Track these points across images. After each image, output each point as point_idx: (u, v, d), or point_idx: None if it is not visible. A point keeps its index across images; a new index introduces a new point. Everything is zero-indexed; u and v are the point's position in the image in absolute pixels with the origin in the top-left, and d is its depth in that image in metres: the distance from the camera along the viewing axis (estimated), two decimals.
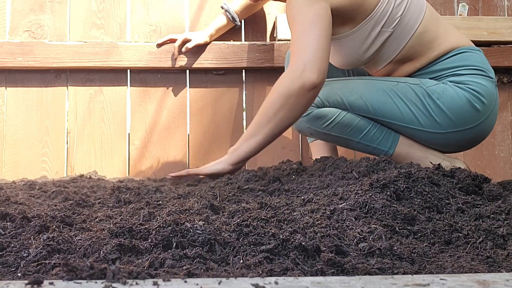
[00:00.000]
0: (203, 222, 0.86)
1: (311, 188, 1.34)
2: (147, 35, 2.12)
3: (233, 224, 0.86)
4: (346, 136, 1.65)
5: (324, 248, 0.80)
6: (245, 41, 2.15)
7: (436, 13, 1.69)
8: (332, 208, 1.03)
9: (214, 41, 2.09)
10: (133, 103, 2.11)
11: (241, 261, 0.75)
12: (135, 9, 2.13)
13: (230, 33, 2.12)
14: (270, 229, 0.84)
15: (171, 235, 0.81)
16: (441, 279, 0.66)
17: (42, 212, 0.97)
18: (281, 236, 0.80)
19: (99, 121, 2.08)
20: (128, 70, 2.11)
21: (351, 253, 0.82)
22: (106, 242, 0.80)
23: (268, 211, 0.99)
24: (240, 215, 0.95)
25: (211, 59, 2.09)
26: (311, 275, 0.71)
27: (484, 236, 0.96)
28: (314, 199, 1.13)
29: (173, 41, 2.07)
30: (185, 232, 0.81)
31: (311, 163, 1.68)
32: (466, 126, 1.59)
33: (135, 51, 2.06)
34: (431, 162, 1.47)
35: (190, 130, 2.12)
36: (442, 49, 1.63)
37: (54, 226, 0.90)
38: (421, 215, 1.04)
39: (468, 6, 2.27)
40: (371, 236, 0.90)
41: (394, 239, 0.92)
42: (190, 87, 2.14)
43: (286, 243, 0.79)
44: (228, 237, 0.82)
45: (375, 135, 1.63)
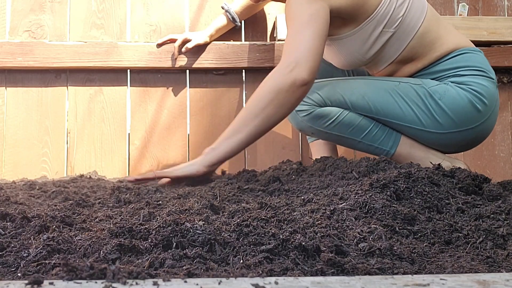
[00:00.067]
0: (203, 222, 0.86)
1: (311, 188, 1.34)
2: (147, 35, 2.12)
3: (233, 224, 0.86)
4: (348, 136, 1.65)
5: (324, 248, 0.80)
6: (245, 41, 2.15)
7: (437, 14, 1.69)
8: (332, 208, 1.03)
9: (214, 41, 2.09)
10: (133, 103, 2.11)
11: (241, 261, 0.75)
12: (135, 9, 2.13)
13: (230, 33, 2.12)
14: (270, 229, 0.84)
15: (171, 235, 0.81)
16: (441, 279, 0.66)
17: (42, 212, 0.97)
18: (281, 236, 0.80)
19: (99, 121, 2.08)
20: (128, 70, 2.11)
21: (351, 253, 0.82)
22: (106, 242, 0.80)
23: (268, 211, 0.99)
24: (240, 215, 0.95)
25: (211, 59, 2.09)
26: (311, 275, 0.71)
27: (484, 236, 0.96)
28: (314, 199, 1.13)
29: (173, 41, 2.07)
30: (185, 232, 0.81)
31: (311, 163, 1.68)
32: (468, 127, 1.60)
33: (135, 51, 2.06)
34: (431, 162, 1.47)
35: (190, 130, 2.12)
36: (444, 50, 1.63)
37: (54, 226, 0.90)
38: (421, 215, 1.04)
39: (468, 6, 2.27)
40: (371, 236, 0.90)
41: (394, 239, 0.92)
42: (190, 87, 2.14)
43: (286, 243, 0.79)
44: (228, 237, 0.82)
45: (377, 135, 1.63)
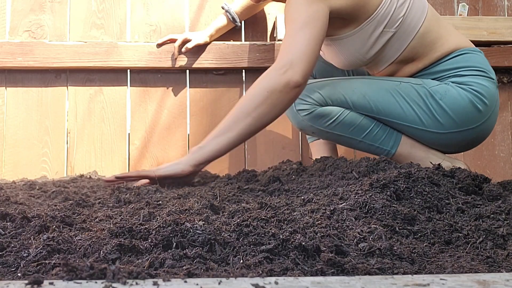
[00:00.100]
0: (203, 222, 0.86)
1: (311, 188, 1.34)
2: (147, 35, 2.12)
3: (233, 224, 0.86)
4: (349, 135, 1.65)
5: (324, 248, 0.80)
6: (245, 41, 2.15)
7: (437, 14, 1.70)
8: (332, 208, 1.03)
9: (214, 41, 2.09)
10: (133, 103, 2.11)
11: (241, 261, 0.75)
12: (135, 9, 2.13)
13: (230, 33, 2.12)
14: (270, 229, 0.84)
15: (171, 235, 0.81)
16: (441, 279, 0.66)
17: (42, 212, 0.97)
18: (281, 236, 0.80)
19: (99, 121, 2.08)
20: (128, 70, 2.11)
21: (351, 253, 0.82)
22: (106, 242, 0.80)
23: (268, 211, 0.99)
24: (240, 215, 0.95)
25: (211, 59, 2.09)
26: (311, 275, 0.71)
27: (484, 236, 0.96)
28: (314, 199, 1.13)
29: (173, 41, 2.07)
30: (185, 232, 0.81)
31: (311, 163, 1.68)
32: (468, 127, 1.60)
33: (135, 51, 2.06)
34: (431, 162, 1.47)
35: (190, 130, 2.12)
36: (444, 50, 1.63)
37: (54, 226, 0.90)
38: (421, 215, 1.04)
39: (468, 6, 2.27)
40: (371, 236, 0.90)
41: (394, 239, 0.92)
42: (190, 87, 2.14)
43: (286, 243, 0.79)
44: (228, 237, 0.82)
45: (378, 135, 1.63)
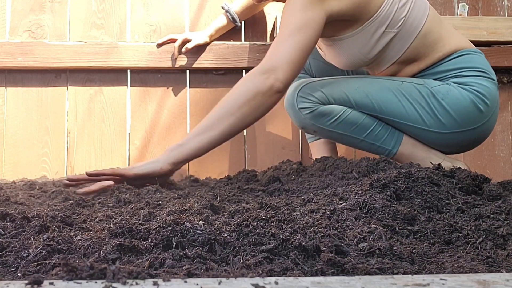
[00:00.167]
0: (203, 222, 0.86)
1: (311, 188, 1.34)
2: (147, 35, 2.12)
3: (233, 224, 0.86)
4: (351, 134, 1.64)
5: (324, 248, 0.80)
6: (245, 41, 2.15)
7: (438, 15, 1.70)
8: (332, 208, 1.03)
9: (214, 41, 2.09)
10: (133, 103, 2.11)
11: (241, 261, 0.75)
12: (135, 9, 2.13)
13: (230, 33, 2.12)
14: (270, 229, 0.84)
15: (171, 235, 0.81)
16: (441, 279, 0.66)
17: (42, 212, 0.97)
18: (281, 236, 0.80)
19: (99, 121, 2.08)
20: (128, 70, 2.11)
21: (351, 253, 0.82)
22: (106, 242, 0.80)
23: (268, 211, 0.99)
24: (240, 215, 0.95)
25: (211, 59, 2.09)
26: (311, 275, 0.71)
27: (484, 236, 0.96)
28: (314, 199, 1.13)
29: (173, 41, 2.07)
30: (185, 232, 0.81)
31: (311, 163, 1.68)
32: (470, 127, 1.60)
33: (135, 51, 2.06)
34: (431, 162, 1.47)
35: (190, 130, 2.12)
36: (446, 51, 1.63)
37: (54, 226, 0.90)
38: (421, 215, 1.05)
39: (468, 6, 2.27)
40: (371, 236, 0.90)
41: (394, 239, 0.92)
42: (190, 87, 2.14)
43: (286, 243, 0.79)
44: (228, 237, 0.82)
45: (380, 134, 1.63)
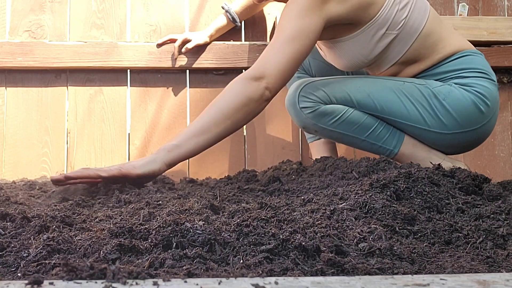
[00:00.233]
0: (203, 222, 0.86)
1: (311, 188, 1.34)
2: (147, 35, 2.12)
3: (233, 224, 0.86)
4: (352, 134, 1.64)
5: (324, 248, 0.80)
6: (245, 41, 2.15)
7: (439, 16, 1.70)
8: (332, 208, 1.03)
9: (214, 41, 2.09)
10: (133, 103, 2.11)
11: (241, 261, 0.75)
12: (135, 9, 2.13)
13: (230, 33, 2.12)
14: (270, 229, 0.84)
15: (171, 235, 0.81)
16: (441, 279, 0.66)
17: (42, 212, 0.97)
18: (281, 236, 0.80)
19: (99, 121, 2.08)
20: (128, 70, 2.11)
21: (351, 253, 0.82)
22: (106, 242, 0.80)
23: (268, 211, 0.99)
24: (240, 215, 0.95)
25: (211, 59, 2.09)
26: (311, 275, 0.71)
27: (484, 236, 0.96)
28: (314, 199, 1.13)
29: (173, 41, 2.07)
30: (185, 232, 0.81)
31: (311, 163, 1.68)
32: (471, 127, 1.60)
33: (135, 51, 2.06)
34: (431, 162, 1.47)
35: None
36: (446, 52, 1.63)
37: (54, 226, 0.90)
38: (421, 215, 1.05)
39: (468, 6, 2.27)
40: (371, 236, 0.90)
41: (394, 239, 0.92)
42: (190, 87, 2.14)
43: (286, 243, 0.79)
44: (228, 237, 0.82)
45: (381, 134, 1.63)
